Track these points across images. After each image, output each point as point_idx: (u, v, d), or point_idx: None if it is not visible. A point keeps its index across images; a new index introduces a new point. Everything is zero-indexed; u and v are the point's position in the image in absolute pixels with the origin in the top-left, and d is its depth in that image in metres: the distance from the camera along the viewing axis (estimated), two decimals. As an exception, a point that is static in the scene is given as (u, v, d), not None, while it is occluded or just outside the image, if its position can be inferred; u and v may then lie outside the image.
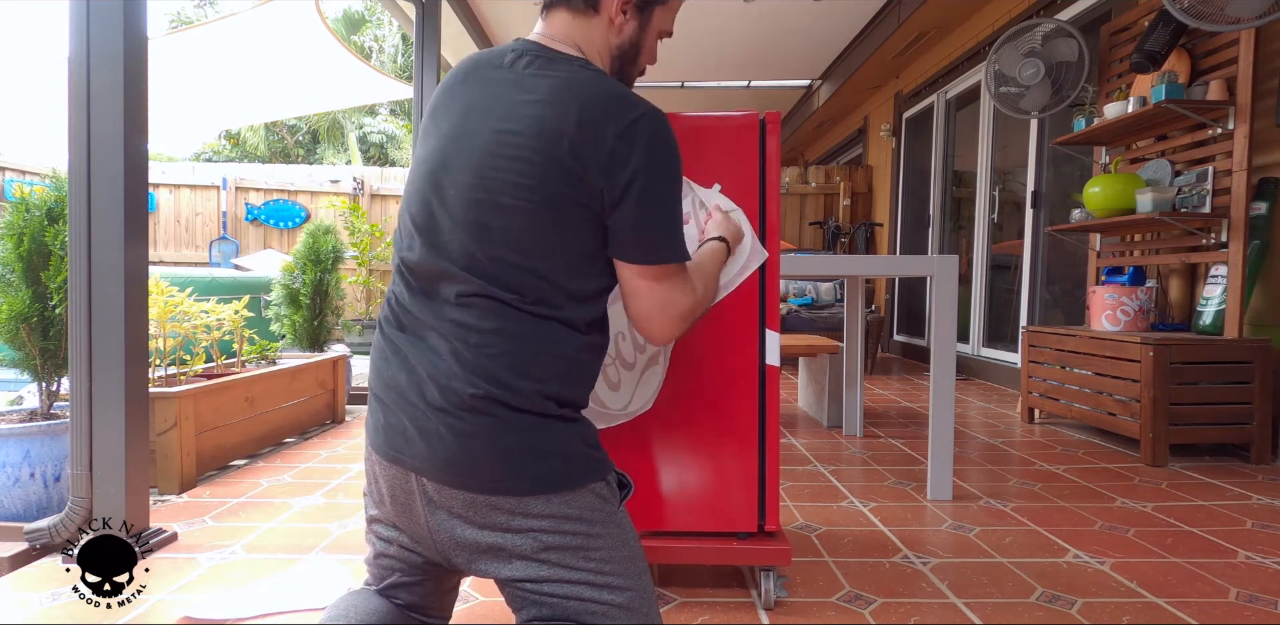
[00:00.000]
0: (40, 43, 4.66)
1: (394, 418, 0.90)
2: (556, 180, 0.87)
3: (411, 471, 0.88)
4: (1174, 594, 1.49)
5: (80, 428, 1.64)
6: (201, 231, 8.16)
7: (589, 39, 1.01)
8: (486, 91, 0.94)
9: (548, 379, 0.88)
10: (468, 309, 0.88)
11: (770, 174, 1.40)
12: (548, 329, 0.89)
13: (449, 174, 0.92)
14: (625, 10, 1.01)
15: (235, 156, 16.52)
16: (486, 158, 0.89)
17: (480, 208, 0.89)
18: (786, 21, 5.23)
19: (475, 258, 0.89)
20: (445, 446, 0.86)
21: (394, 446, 0.90)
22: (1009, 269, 4.80)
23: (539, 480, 0.87)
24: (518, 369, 0.87)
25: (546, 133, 0.87)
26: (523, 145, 0.87)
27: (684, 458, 1.42)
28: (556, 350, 0.90)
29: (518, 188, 0.87)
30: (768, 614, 1.39)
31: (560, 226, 0.88)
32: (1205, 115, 2.74)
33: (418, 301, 0.93)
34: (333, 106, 10.08)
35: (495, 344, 0.87)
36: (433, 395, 0.87)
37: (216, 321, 2.71)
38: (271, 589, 1.47)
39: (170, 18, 16.95)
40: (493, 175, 0.88)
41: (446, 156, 0.93)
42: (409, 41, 13.71)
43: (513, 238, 0.88)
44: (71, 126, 1.62)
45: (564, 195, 0.87)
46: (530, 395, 0.87)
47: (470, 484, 0.86)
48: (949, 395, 2.08)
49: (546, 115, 0.88)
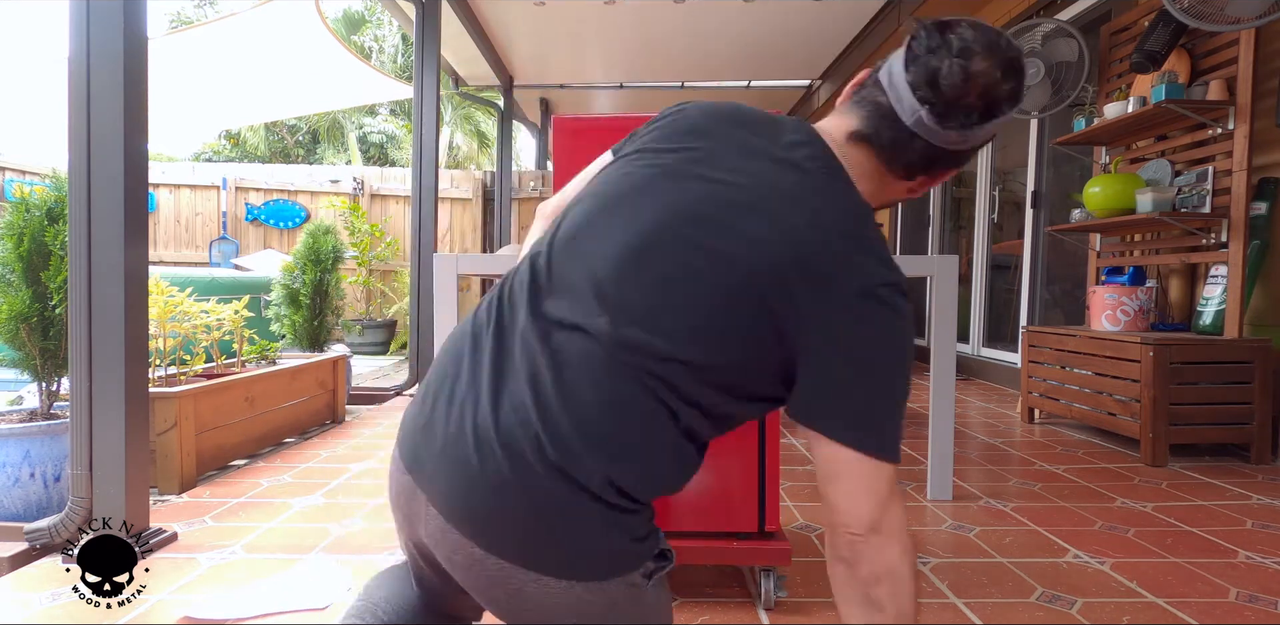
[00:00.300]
0: (40, 43, 4.66)
1: (431, 421, 0.78)
2: (767, 283, 0.73)
3: (422, 492, 0.77)
4: (1174, 594, 1.49)
5: (80, 428, 1.64)
6: (201, 231, 8.16)
7: (872, 182, 0.85)
8: (746, 152, 0.81)
9: (628, 470, 0.74)
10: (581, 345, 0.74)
11: (770, 174, 1.40)
12: (662, 425, 0.74)
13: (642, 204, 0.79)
14: (932, 185, 0.89)
15: (235, 156, 16.52)
16: (713, 220, 0.75)
17: (676, 262, 0.74)
18: (786, 21, 5.23)
19: (630, 303, 0.74)
20: (470, 489, 0.73)
21: (418, 457, 0.78)
22: (1009, 269, 4.80)
23: (566, 567, 0.74)
24: (602, 441, 0.73)
25: (788, 235, 0.74)
26: (755, 227, 0.74)
27: (684, 458, 1.42)
28: (654, 446, 0.75)
29: (724, 262, 0.73)
30: (768, 614, 1.39)
31: (740, 326, 0.74)
32: (1205, 115, 2.74)
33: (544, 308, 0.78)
34: (333, 106, 10.09)
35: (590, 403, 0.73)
36: (485, 429, 0.73)
37: (216, 321, 2.71)
38: (271, 589, 1.47)
39: (170, 18, 16.95)
40: (709, 239, 0.74)
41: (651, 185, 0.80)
42: (409, 41, 13.71)
43: (679, 312, 0.74)
44: (71, 126, 1.62)
45: (764, 302, 0.73)
46: (594, 473, 0.72)
47: (482, 540, 0.74)
48: (949, 395, 2.08)
49: (798, 218, 0.75)
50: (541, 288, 0.79)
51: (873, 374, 0.74)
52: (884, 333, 0.75)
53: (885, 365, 0.75)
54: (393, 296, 7.42)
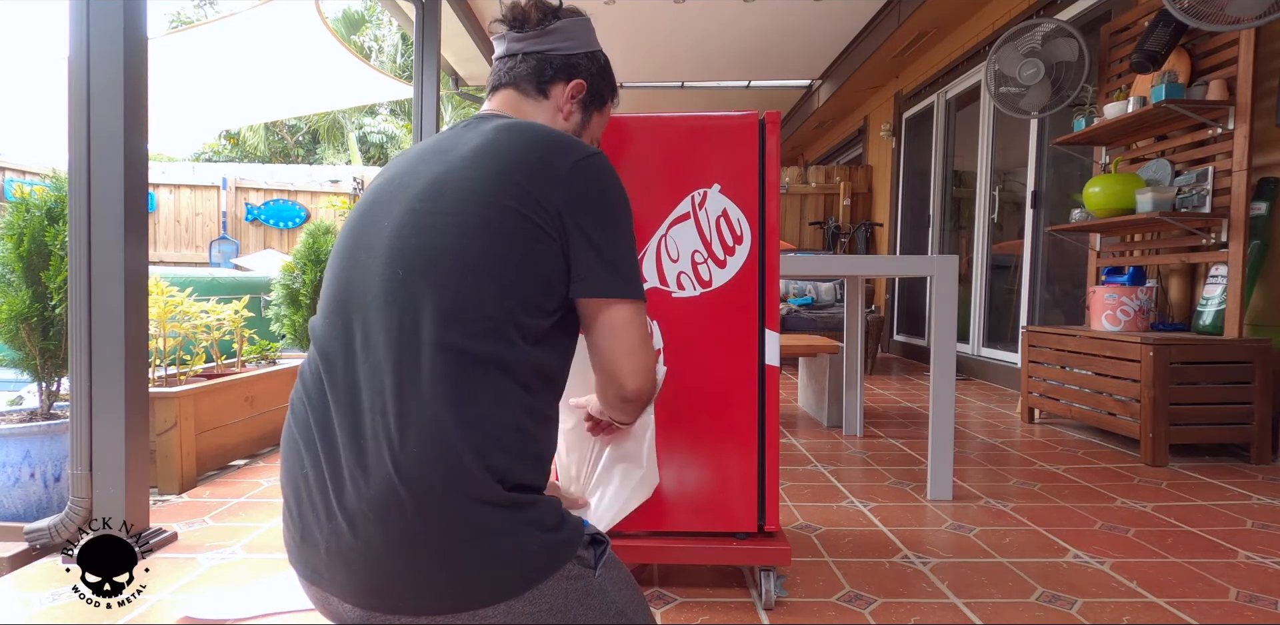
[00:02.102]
0: (40, 43, 4.66)
1: (304, 526, 0.77)
2: (508, 195, 0.80)
3: (333, 595, 0.77)
4: (1174, 594, 1.49)
5: (80, 428, 1.64)
6: (201, 231, 8.16)
7: (534, 118, 1.00)
8: (430, 144, 0.91)
9: (490, 449, 0.74)
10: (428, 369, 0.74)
11: (770, 174, 1.40)
12: (487, 382, 0.76)
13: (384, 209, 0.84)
14: (572, 103, 1.03)
15: (235, 156, 16.52)
16: (433, 184, 0.82)
17: (421, 230, 0.79)
18: (786, 21, 5.23)
19: (405, 283, 0.77)
20: (366, 568, 0.73)
21: (311, 566, 0.78)
22: (1009, 269, 4.80)
23: (490, 591, 0.73)
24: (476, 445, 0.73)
25: (499, 154, 0.83)
26: (474, 166, 0.82)
27: (684, 457, 1.42)
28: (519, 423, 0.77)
29: (466, 202, 0.79)
30: (768, 614, 1.39)
31: (513, 242, 0.79)
32: (1205, 115, 2.74)
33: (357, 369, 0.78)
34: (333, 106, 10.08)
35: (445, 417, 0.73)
36: (347, 497, 0.73)
37: (216, 321, 2.71)
38: (271, 589, 1.47)
39: (170, 18, 16.95)
40: (440, 195, 0.80)
41: (386, 194, 0.86)
42: (409, 41, 13.70)
43: (456, 255, 0.77)
44: (71, 126, 1.62)
45: (516, 210, 0.80)
46: (473, 472, 0.72)
47: (408, 608, 0.73)
48: (949, 395, 2.08)
49: (499, 141, 0.85)
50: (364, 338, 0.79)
51: (617, 232, 0.86)
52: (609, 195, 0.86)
53: (623, 222, 0.87)
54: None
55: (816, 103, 7.21)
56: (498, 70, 1.02)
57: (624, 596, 0.83)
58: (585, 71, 1.03)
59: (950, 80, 5.43)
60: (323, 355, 0.81)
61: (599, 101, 1.07)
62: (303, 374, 0.84)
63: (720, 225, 1.40)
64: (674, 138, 1.40)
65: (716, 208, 1.40)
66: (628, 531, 1.44)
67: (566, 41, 1.01)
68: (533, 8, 1.00)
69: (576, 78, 1.02)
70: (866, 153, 7.48)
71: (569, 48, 1.01)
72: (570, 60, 1.01)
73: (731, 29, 5.37)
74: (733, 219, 1.40)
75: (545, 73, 1.00)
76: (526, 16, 0.99)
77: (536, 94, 1.01)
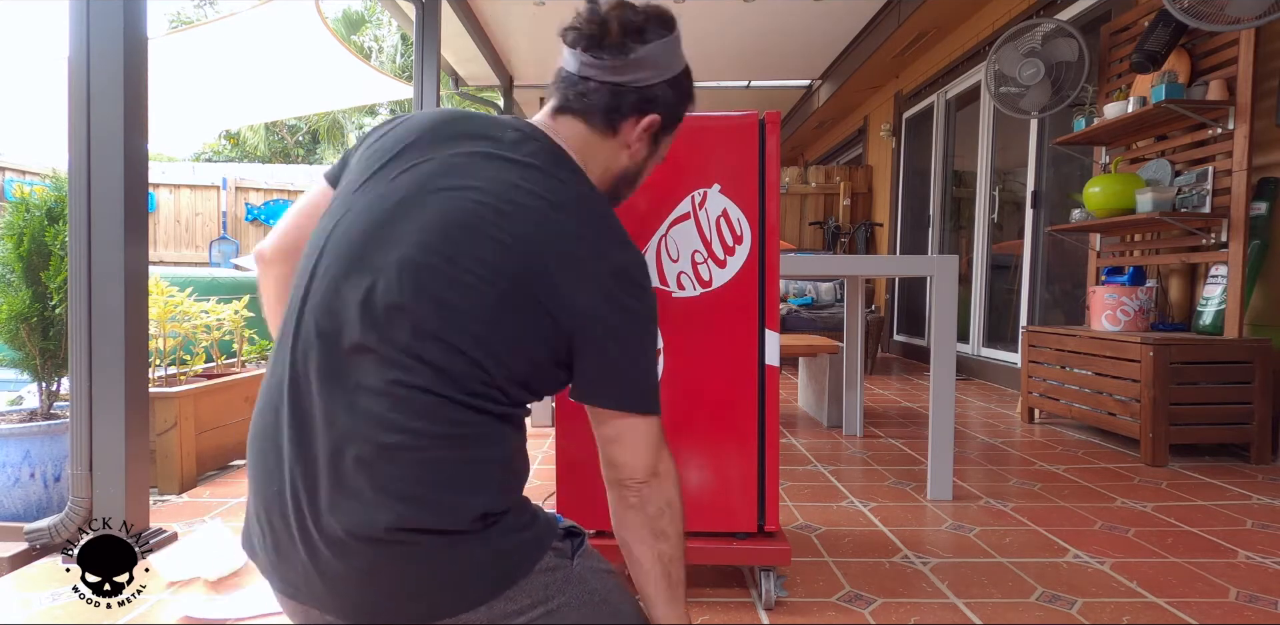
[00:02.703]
0: (40, 43, 4.66)
1: (280, 545, 0.75)
2: (532, 276, 0.75)
3: (314, 607, 0.76)
4: (1174, 594, 1.49)
5: (80, 428, 1.64)
6: (201, 231, 8.16)
7: (595, 156, 0.91)
8: (476, 157, 0.82)
9: (479, 490, 0.73)
10: (389, 399, 0.71)
11: (770, 174, 1.40)
12: (482, 428, 0.75)
13: (403, 225, 0.76)
14: (644, 138, 0.93)
15: (235, 156, 16.52)
16: (459, 226, 0.76)
17: (437, 277, 0.74)
18: (786, 21, 5.23)
19: (418, 335, 0.72)
20: (345, 586, 0.73)
21: (287, 581, 0.77)
22: (1009, 269, 4.80)
23: (470, 596, 0.74)
24: (442, 481, 0.72)
25: (540, 229, 0.77)
26: (508, 230, 0.76)
27: (684, 457, 1.42)
28: (490, 454, 0.76)
29: (490, 269, 0.74)
30: (768, 614, 1.39)
31: (521, 325, 0.76)
32: (1205, 115, 2.74)
33: (319, 385, 0.74)
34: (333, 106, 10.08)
35: (418, 447, 0.71)
36: (324, 521, 0.71)
37: (216, 321, 2.71)
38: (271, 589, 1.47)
39: (170, 18, 16.95)
40: (463, 247, 0.75)
41: (404, 205, 0.78)
42: (409, 41, 13.69)
43: (469, 321, 0.73)
44: (71, 126, 1.62)
45: (533, 294, 0.76)
46: (456, 513, 0.72)
47: (389, 618, 0.74)
48: (949, 395, 2.08)
49: (545, 212, 0.78)
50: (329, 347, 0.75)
51: (635, 347, 0.83)
52: (638, 310, 0.82)
53: (643, 337, 0.83)
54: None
55: (816, 103, 7.21)
56: (565, 90, 0.90)
57: (605, 585, 0.83)
58: (662, 103, 0.92)
59: (950, 80, 5.43)
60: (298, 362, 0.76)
61: (671, 127, 0.98)
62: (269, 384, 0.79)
63: (720, 225, 1.40)
64: (674, 138, 1.40)
65: (716, 208, 1.40)
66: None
67: (647, 72, 0.89)
68: (614, 21, 0.86)
69: (652, 112, 0.91)
70: (866, 153, 7.48)
71: (650, 78, 0.90)
72: (648, 94, 0.90)
73: (731, 29, 5.37)
74: (733, 219, 1.40)
75: (619, 109, 0.89)
76: (606, 31, 0.86)
77: (605, 129, 0.90)
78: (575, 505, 1.41)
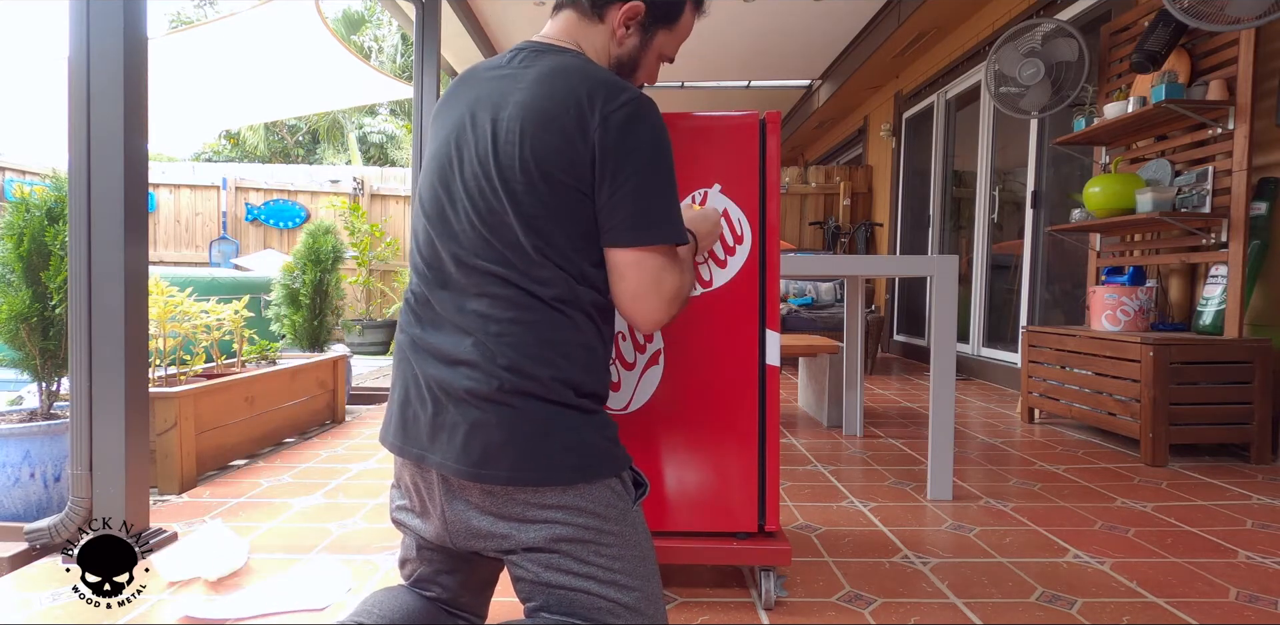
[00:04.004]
0: (40, 43, 4.66)
1: (410, 412, 0.93)
2: (551, 163, 0.88)
3: (431, 467, 0.90)
4: (1174, 594, 1.49)
5: (80, 428, 1.64)
6: (201, 231, 8.16)
7: (590, 42, 1.03)
8: (485, 88, 0.97)
9: (566, 366, 0.89)
10: (485, 298, 0.90)
11: (770, 174, 1.40)
12: (562, 316, 0.90)
13: (455, 167, 0.94)
14: (628, 25, 1.03)
15: (235, 156, 16.52)
16: (487, 147, 0.91)
17: (487, 195, 0.90)
18: (786, 21, 5.23)
19: (491, 247, 0.90)
20: (462, 438, 0.87)
21: (411, 442, 0.92)
22: (1009, 269, 4.80)
23: (555, 471, 0.87)
24: (537, 356, 0.88)
25: (535, 117, 0.89)
26: (515, 131, 0.89)
27: (684, 457, 1.42)
28: (573, 337, 0.91)
29: (517, 171, 0.88)
30: (768, 614, 1.39)
31: (563, 206, 0.89)
32: (1205, 115, 2.74)
33: (437, 295, 0.94)
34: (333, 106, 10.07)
35: (514, 332, 0.88)
36: (453, 387, 0.88)
37: (216, 321, 2.71)
38: (271, 589, 1.47)
39: (170, 18, 16.95)
40: (494, 162, 0.90)
41: (451, 152, 0.95)
42: (409, 41, 13.69)
43: (520, 221, 0.88)
44: (71, 126, 1.62)
45: (561, 179, 0.88)
46: (549, 383, 0.88)
47: (486, 475, 0.87)
48: (949, 395, 2.08)
49: (537, 95, 0.90)
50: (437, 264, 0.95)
51: (640, 177, 0.89)
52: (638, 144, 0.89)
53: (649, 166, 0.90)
54: (393, 296, 7.42)
55: (816, 103, 7.21)
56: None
57: (647, 543, 0.95)
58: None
59: (950, 80, 5.43)
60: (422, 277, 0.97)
61: (663, 20, 1.06)
62: (408, 294, 1.00)
63: (720, 225, 1.40)
64: (674, 138, 1.39)
65: (717, 207, 1.40)
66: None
67: None
68: None
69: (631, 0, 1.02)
70: (866, 153, 7.48)
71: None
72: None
73: (731, 29, 5.37)
74: (733, 219, 1.40)
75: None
76: None
77: (593, 16, 1.02)
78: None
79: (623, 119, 0.88)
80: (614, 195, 0.89)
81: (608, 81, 0.91)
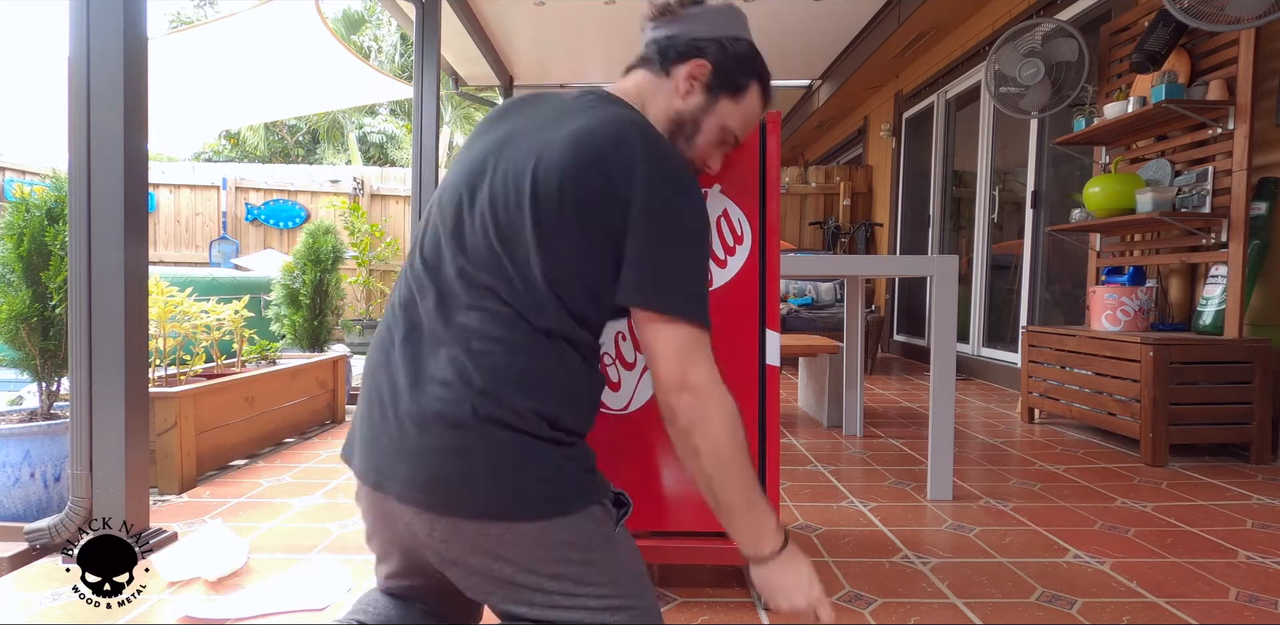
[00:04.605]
0: (40, 43, 4.66)
1: (373, 431, 0.87)
2: (587, 200, 0.85)
3: (391, 496, 0.84)
4: (1174, 594, 1.49)
5: (80, 428, 1.64)
6: (201, 231, 8.16)
7: (654, 99, 1.02)
8: (540, 113, 0.97)
9: (546, 398, 0.84)
10: (478, 313, 0.85)
11: (770, 174, 1.40)
12: (552, 349, 0.86)
13: (486, 179, 0.91)
14: (692, 82, 1.01)
15: (235, 156, 16.52)
16: (525, 169, 0.88)
17: (511, 209, 0.87)
18: (786, 21, 5.23)
19: (499, 264, 0.86)
20: (427, 466, 0.82)
21: (370, 465, 0.87)
22: (1009, 269, 4.80)
23: (530, 506, 0.82)
24: (517, 383, 0.83)
25: (584, 151, 0.87)
26: (562, 162, 0.86)
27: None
28: (559, 372, 0.86)
29: (548, 200, 0.85)
30: (768, 614, 1.39)
31: (582, 247, 0.86)
32: (1205, 115, 2.74)
33: (426, 302, 0.90)
34: (333, 106, 10.07)
35: (497, 353, 0.83)
36: (422, 409, 0.83)
37: (216, 321, 2.71)
38: (271, 589, 1.47)
39: (170, 18, 16.95)
40: (528, 186, 0.86)
41: (487, 164, 0.92)
42: (409, 41, 13.70)
43: (538, 244, 0.85)
44: (71, 126, 1.62)
45: (593, 218, 0.86)
46: (525, 414, 0.82)
47: (454, 509, 0.81)
48: (949, 395, 2.08)
49: (587, 133, 0.88)
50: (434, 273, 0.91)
51: (673, 247, 0.87)
52: (678, 212, 0.87)
53: (682, 238, 0.88)
54: (393, 296, 7.41)
55: (816, 103, 7.21)
56: (638, 56, 1.05)
57: (635, 560, 0.92)
58: (712, 53, 1.01)
59: (950, 80, 5.43)
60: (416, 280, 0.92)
61: (730, 87, 1.03)
62: (389, 311, 0.96)
63: (720, 225, 1.40)
64: (674, 138, 1.40)
65: (717, 208, 1.40)
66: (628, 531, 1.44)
67: (699, 24, 1.01)
68: (676, 1, 1.03)
69: (700, 58, 1.01)
70: (866, 153, 7.48)
71: (700, 31, 1.01)
72: (697, 43, 1.01)
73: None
74: (733, 219, 1.40)
75: (669, 53, 1.01)
76: (668, 7, 1.02)
77: (660, 72, 1.02)
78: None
79: (670, 178, 0.88)
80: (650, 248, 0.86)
81: (663, 141, 0.92)
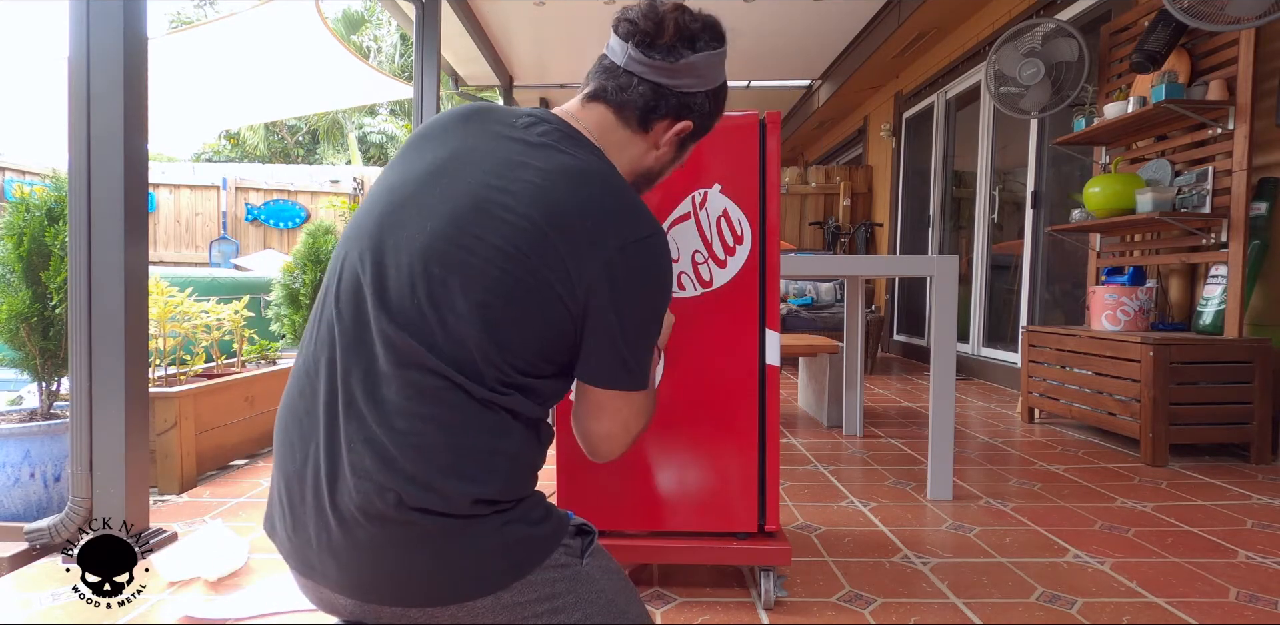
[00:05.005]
0: (40, 43, 4.66)
1: (296, 515, 0.77)
2: (539, 259, 0.75)
3: (325, 587, 0.78)
4: (1174, 594, 1.49)
5: (80, 428, 1.64)
6: (201, 231, 8.16)
7: (620, 149, 0.91)
8: (486, 142, 0.83)
9: (486, 480, 0.74)
10: (400, 385, 0.74)
11: (770, 174, 1.40)
12: (493, 420, 0.76)
13: (416, 219, 0.78)
14: (673, 142, 0.94)
15: (235, 156, 16.53)
16: (468, 210, 0.76)
17: (445, 262, 0.75)
18: (786, 21, 5.23)
19: (428, 326, 0.74)
20: (358, 565, 0.74)
21: (301, 559, 0.78)
22: (1009, 269, 4.80)
23: (482, 584, 0.75)
24: (448, 468, 0.73)
25: (547, 208, 0.76)
26: (516, 210, 0.76)
27: (684, 457, 1.42)
28: (502, 446, 0.76)
29: (497, 252, 0.74)
30: (768, 614, 1.39)
31: (530, 307, 0.76)
32: (1205, 115, 2.74)
33: (344, 368, 0.76)
34: (333, 106, 10.08)
35: (425, 433, 0.73)
36: (340, 497, 0.73)
37: (216, 321, 2.71)
38: (271, 589, 1.47)
39: (170, 18, 16.96)
40: (471, 230, 0.75)
41: (419, 195, 0.80)
42: (409, 41, 13.70)
43: (478, 302, 0.74)
44: (71, 126, 1.62)
45: (544, 278, 0.75)
46: (459, 500, 0.73)
47: (400, 600, 0.75)
48: (949, 395, 2.08)
49: (552, 189, 0.78)
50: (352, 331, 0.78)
51: (639, 324, 0.82)
52: (646, 284, 0.81)
53: (650, 314, 0.83)
54: (393, 296, 7.41)
55: (816, 103, 7.21)
56: (605, 81, 0.90)
57: (613, 585, 0.84)
58: (698, 112, 0.92)
59: (950, 80, 5.43)
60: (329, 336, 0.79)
61: (698, 136, 0.97)
62: (299, 371, 0.82)
63: (721, 225, 1.40)
64: (674, 138, 1.40)
65: (717, 208, 1.40)
66: (628, 531, 1.44)
67: (691, 79, 0.90)
68: (671, 23, 0.87)
69: (686, 118, 0.92)
70: (866, 153, 7.48)
71: (693, 86, 0.90)
72: (687, 100, 0.91)
73: (731, 29, 5.37)
74: (733, 219, 1.40)
75: (656, 109, 0.90)
76: (661, 31, 0.87)
77: (637, 126, 0.91)
78: (576, 504, 1.41)
79: (642, 253, 0.80)
80: (614, 330, 0.79)
81: (637, 205, 0.83)
